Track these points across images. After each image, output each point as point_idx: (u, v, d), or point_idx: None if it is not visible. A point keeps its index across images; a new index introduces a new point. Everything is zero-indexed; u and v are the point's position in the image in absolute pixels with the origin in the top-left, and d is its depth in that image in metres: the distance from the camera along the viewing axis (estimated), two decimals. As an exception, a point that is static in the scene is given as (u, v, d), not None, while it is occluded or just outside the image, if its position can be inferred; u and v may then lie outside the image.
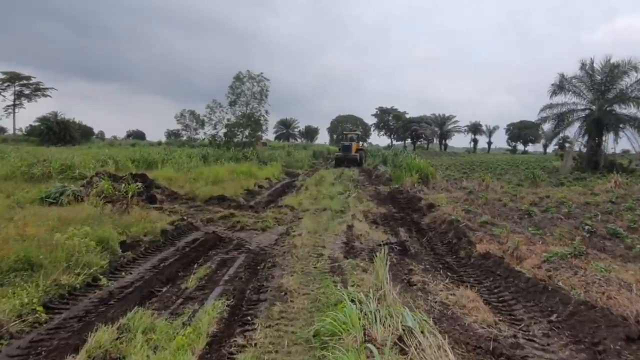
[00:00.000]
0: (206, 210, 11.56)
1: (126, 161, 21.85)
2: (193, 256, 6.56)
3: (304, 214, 10.41)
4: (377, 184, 20.29)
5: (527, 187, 18.37)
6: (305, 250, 6.46)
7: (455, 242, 7.36)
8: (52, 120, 60.69)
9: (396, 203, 13.54)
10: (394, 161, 22.39)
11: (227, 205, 12.26)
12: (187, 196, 13.86)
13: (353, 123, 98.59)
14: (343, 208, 11.55)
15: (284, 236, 7.82)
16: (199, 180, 17.28)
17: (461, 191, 16.38)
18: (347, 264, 5.66)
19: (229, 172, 20.05)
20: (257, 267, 5.89)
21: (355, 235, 7.82)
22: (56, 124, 59.59)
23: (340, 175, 25.02)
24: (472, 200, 13.36)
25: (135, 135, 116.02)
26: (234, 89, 33.44)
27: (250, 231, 8.65)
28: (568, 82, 26.45)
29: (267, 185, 18.94)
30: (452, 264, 6.15)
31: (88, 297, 4.70)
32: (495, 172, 26.49)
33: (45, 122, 60.15)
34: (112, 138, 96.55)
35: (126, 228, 7.19)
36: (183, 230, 8.37)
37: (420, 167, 17.61)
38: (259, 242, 7.61)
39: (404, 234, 8.26)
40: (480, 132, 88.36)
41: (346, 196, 14.45)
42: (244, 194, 15.00)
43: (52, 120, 60.64)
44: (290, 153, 38.45)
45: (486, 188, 16.89)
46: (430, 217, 10.21)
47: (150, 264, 6.05)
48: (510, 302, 4.55)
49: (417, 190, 15.79)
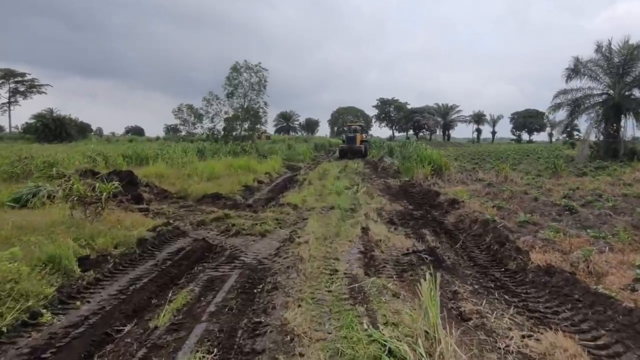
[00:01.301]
0: (198, 210, 10.22)
1: (117, 157, 20.47)
2: (174, 274, 5.22)
3: (309, 214, 9.05)
4: (385, 176, 18.92)
5: (549, 177, 16.98)
6: (315, 264, 5.10)
7: (497, 248, 5.99)
8: (48, 117, 59.60)
9: (411, 198, 12.17)
10: (402, 152, 20.96)
11: (222, 205, 10.92)
12: (178, 194, 12.54)
13: (354, 115, 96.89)
14: (353, 205, 10.19)
15: (287, 243, 6.46)
16: (193, 177, 15.95)
17: (478, 184, 15.00)
18: (371, 285, 4.32)
19: (226, 167, 18.71)
20: (253, 289, 4.54)
21: (373, 240, 6.46)
22: (52, 121, 58.56)
23: (344, 168, 23.65)
24: (495, 193, 11.99)
25: (134, 131, 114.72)
26: (231, 79, 31.92)
27: (246, 237, 7.30)
28: (583, 65, 24.87)
29: (267, 180, 17.59)
30: (504, 280, 4.79)
31: (16, 346, 3.36)
32: (508, 163, 25.07)
33: (41, 119, 59.05)
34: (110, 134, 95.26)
35: (93, 238, 5.83)
36: (167, 238, 7.03)
37: (433, 159, 16.18)
38: (256, 251, 6.26)
39: (431, 237, 6.90)
40: (483, 121, 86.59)
41: (354, 191, 13.08)
42: (242, 190, 13.64)
43: (47, 117, 59.55)
44: (291, 146, 37.03)
45: (505, 180, 15.50)
46: (455, 215, 8.84)
47: (117, 288, 4.70)
48: (619, 351, 3.11)
49: (431, 184, 14.42)
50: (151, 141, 57.14)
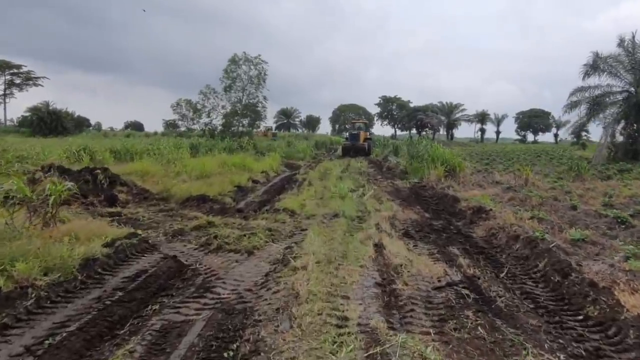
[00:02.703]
0: (179, 215, 8.74)
1: (104, 152, 18.93)
2: (118, 316, 3.71)
3: (309, 224, 7.56)
4: (391, 177, 17.40)
5: (572, 180, 15.46)
6: (315, 307, 3.60)
7: (559, 280, 4.48)
8: (44, 110, 58.29)
9: (424, 204, 10.66)
10: (409, 151, 19.41)
11: (207, 209, 9.43)
12: (160, 195, 11.04)
13: (356, 112, 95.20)
14: (360, 212, 8.70)
15: (280, 267, 4.96)
16: (182, 174, 14.47)
17: (497, 187, 13.50)
18: (400, 351, 2.81)
19: (219, 165, 17.20)
20: (222, 352, 3.03)
21: (391, 265, 4.96)
22: (47, 114, 57.30)
23: (346, 167, 22.14)
24: (522, 199, 10.48)
25: (134, 126, 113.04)
26: (229, 72, 30.34)
27: (229, 254, 5.80)
28: (603, 61, 23.27)
29: (264, 179, 16.07)
30: (594, 341, 3.25)
31: None
32: (519, 164, 23.54)
33: (36, 113, 57.78)
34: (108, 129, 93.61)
35: (15, 261, 4.31)
36: (127, 256, 5.53)
37: (446, 158, 14.65)
38: (238, 278, 4.75)
39: (464, 259, 5.37)
40: (485, 121, 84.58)
41: (360, 194, 11.58)
42: (233, 192, 12.13)
43: (43, 110, 58.24)
44: (291, 143, 35.47)
45: (526, 183, 14.00)
46: (484, 227, 7.34)
47: (25, 342, 3.20)
48: None
49: (445, 187, 12.90)
50: (149, 136, 55.66)
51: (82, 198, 9.92)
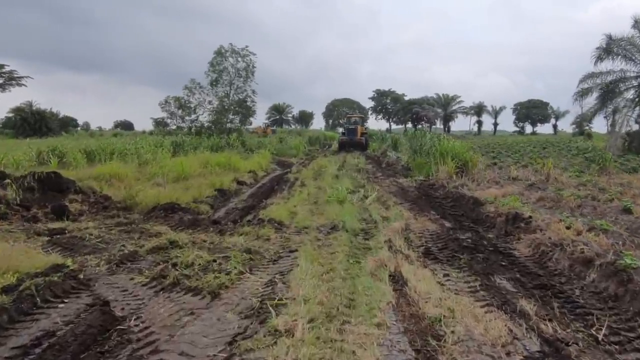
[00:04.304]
0: (138, 231, 6.97)
1: (76, 153, 16.95)
2: None
3: (300, 242, 5.84)
4: (393, 175, 15.71)
5: (596, 174, 13.86)
6: None
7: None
8: (27, 110, 56.14)
9: (438, 207, 8.98)
10: (412, 145, 17.70)
11: (176, 221, 7.68)
12: (123, 204, 9.26)
13: (350, 107, 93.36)
14: (365, 222, 7.01)
15: (254, 327, 3.23)
16: (157, 177, 12.66)
17: (516, 184, 11.85)
18: None
19: (202, 165, 15.39)
20: None
21: (424, 320, 3.25)
22: (31, 115, 55.24)
23: (342, 164, 20.41)
24: (554, 199, 8.82)
25: (124, 125, 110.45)
26: (215, 65, 28.39)
27: (186, 297, 4.06)
28: (616, 44, 21.62)
29: (251, 180, 14.30)
30: None
31: None
32: (527, 156, 21.93)
33: (20, 113, 55.68)
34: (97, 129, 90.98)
35: None
36: (34, 305, 3.78)
37: (456, 153, 12.94)
38: (186, 352, 3.02)
39: (527, 303, 3.66)
40: (481, 113, 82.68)
41: (361, 197, 9.88)
42: (212, 197, 10.36)
43: (27, 110, 56.10)
44: (283, 139, 33.63)
45: (547, 179, 12.37)
46: (527, 242, 5.66)
47: None
48: None
49: (458, 185, 11.22)
50: (137, 135, 53.68)
51: (24, 210, 8.16)
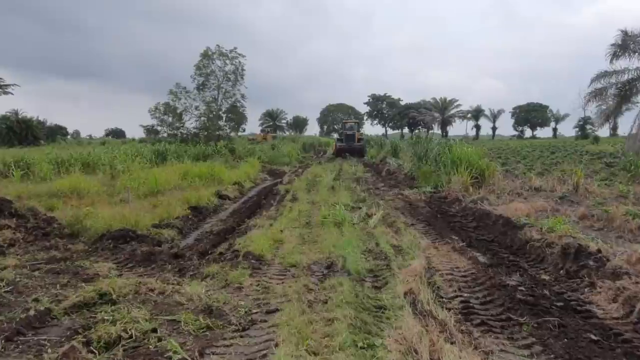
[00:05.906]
0: (71, 272, 5.14)
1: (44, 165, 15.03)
2: None
3: (283, 294, 4.07)
4: (396, 185, 13.94)
5: (627, 182, 12.18)
6: None
7: None
8: (13, 119, 54.12)
9: (460, 230, 7.24)
10: (415, 151, 15.97)
11: (126, 255, 5.87)
12: (68, 229, 7.42)
13: (345, 112, 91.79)
14: (372, 258, 5.24)
15: None
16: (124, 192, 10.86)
17: (541, 196, 10.16)
18: None
19: (181, 176, 13.58)
20: None
21: None
22: (17, 124, 53.19)
23: (339, 172, 18.65)
24: (606, 220, 7.11)
25: (114, 133, 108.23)
26: (201, 68, 26.67)
27: None
28: (633, 39, 20.10)
29: (235, 194, 12.50)
30: None
31: None
32: (539, 162, 20.29)
33: (5, 122, 53.66)
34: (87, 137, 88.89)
35: None
36: None
37: (471, 161, 11.20)
38: None
39: None
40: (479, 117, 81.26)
41: (363, 217, 8.13)
42: (183, 217, 8.54)
43: (12, 119, 54.08)
44: (275, 146, 31.83)
45: (576, 189, 10.67)
46: (608, 292, 3.92)
47: None
48: None
49: (477, 199, 9.49)
50: (125, 143, 51.91)
51: None
